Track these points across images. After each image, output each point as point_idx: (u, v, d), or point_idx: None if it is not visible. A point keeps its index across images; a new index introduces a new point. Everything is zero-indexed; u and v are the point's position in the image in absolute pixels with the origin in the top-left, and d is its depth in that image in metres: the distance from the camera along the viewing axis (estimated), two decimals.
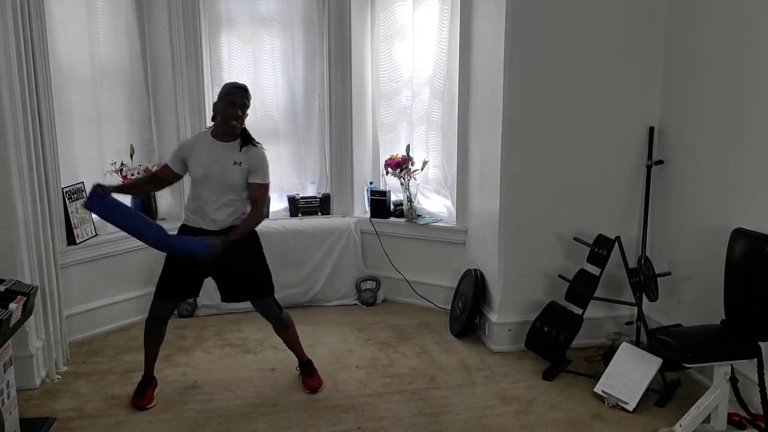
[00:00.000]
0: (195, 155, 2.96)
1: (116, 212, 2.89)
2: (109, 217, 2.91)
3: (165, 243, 2.89)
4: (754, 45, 2.84)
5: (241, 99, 2.93)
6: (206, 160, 2.93)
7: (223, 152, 2.94)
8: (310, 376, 3.23)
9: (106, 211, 2.90)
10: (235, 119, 2.91)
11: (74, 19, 3.81)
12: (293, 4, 4.43)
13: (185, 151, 3.01)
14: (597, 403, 3.05)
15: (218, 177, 2.92)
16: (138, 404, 3.03)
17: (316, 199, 4.55)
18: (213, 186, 2.93)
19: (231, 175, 2.93)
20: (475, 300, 3.73)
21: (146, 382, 3.13)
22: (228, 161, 2.92)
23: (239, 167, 2.93)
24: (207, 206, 2.95)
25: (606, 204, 3.60)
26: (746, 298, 2.60)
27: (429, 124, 4.38)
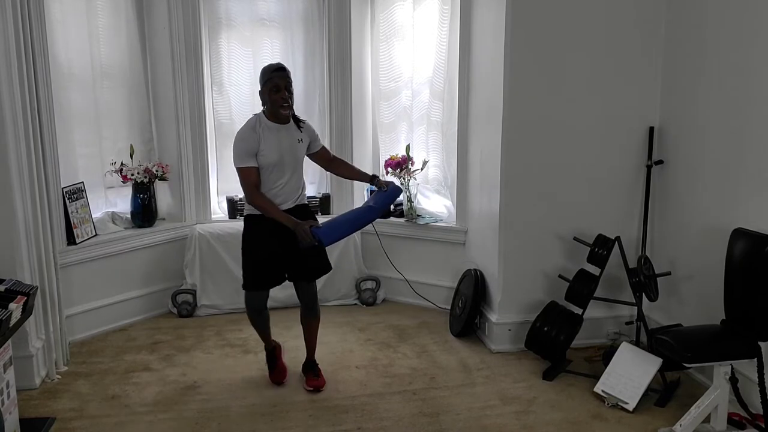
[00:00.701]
0: (263, 144, 2.93)
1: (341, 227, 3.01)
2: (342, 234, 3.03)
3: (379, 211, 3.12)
4: (754, 45, 2.84)
5: (284, 81, 2.93)
6: (277, 145, 2.96)
7: (288, 132, 3.02)
8: (316, 376, 3.23)
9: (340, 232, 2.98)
10: (284, 103, 2.93)
11: (74, 19, 3.82)
12: (293, 4, 4.43)
13: (254, 145, 2.92)
14: (597, 403, 3.05)
15: (291, 157, 3.01)
16: (277, 379, 3.25)
17: (316, 199, 4.55)
18: (285, 167, 3.00)
19: (300, 153, 3.08)
20: (475, 300, 3.73)
21: (272, 354, 3.30)
22: (294, 141, 3.03)
23: (302, 144, 3.09)
24: (285, 187, 3.02)
25: (606, 204, 3.60)
26: (746, 298, 2.60)
27: (429, 123, 4.38)
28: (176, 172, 4.26)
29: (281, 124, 2.99)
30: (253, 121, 2.98)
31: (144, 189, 4.10)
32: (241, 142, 2.92)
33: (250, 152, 2.92)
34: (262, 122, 2.97)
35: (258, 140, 2.92)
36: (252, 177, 2.93)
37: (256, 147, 2.92)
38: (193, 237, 4.23)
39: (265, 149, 2.93)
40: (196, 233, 4.23)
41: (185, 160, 4.26)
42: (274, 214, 2.92)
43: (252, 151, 2.92)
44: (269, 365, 3.31)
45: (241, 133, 2.95)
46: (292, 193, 3.06)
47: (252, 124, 2.97)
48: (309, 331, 3.28)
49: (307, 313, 3.23)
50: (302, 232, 2.85)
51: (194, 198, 4.35)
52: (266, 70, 2.96)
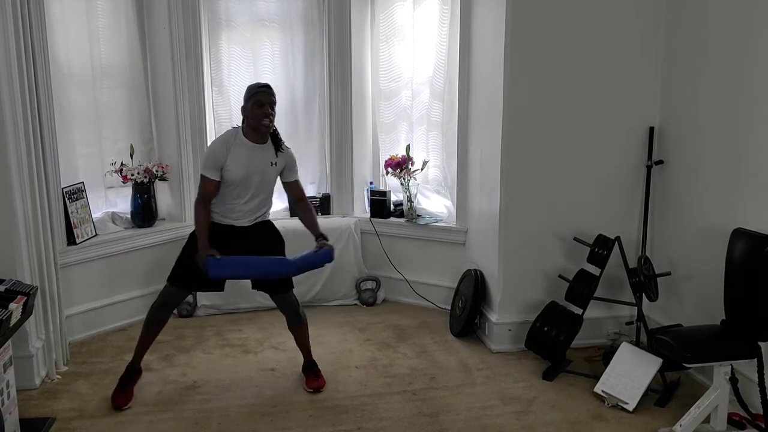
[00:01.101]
0: (231, 159, 2.93)
1: (239, 268, 2.94)
2: (235, 275, 2.99)
3: (295, 269, 2.98)
4: (754, 45, 2.84)
5: (268, 98, 2.94)
6: (246, 162, 2.94)
7: (261, 154, 2.99)
8: (315, 376, 3.23)
9: (229, 271, 2.92)
10: (266, 118, 2.92)
11: (74, 19, 3.81)
12: (293, 5, 4.43)
13: (220, 158, 2.93)
14: (597, 403, 3.05)
15: (259, 178, 2.99)
16: (118, 403, 3.00)
17: (316, 199, 4.55)
18: (251, 186, 2.99)
19: (270, 176, 3.04)
20: (475, 300, 3.73)
21: (129, 375, 3.11)
22: (266, 162, 3.00)
23: (275, 167, 3.03)
24: (244, 205, 3.01)
25: (606, 204, 3.60)
26: (746, 298, 2.60)
27: (429, 124, 4.38)
28: (176, 172, 4.26)
29: (257, 144, 2.97)
30: (230, 134, 3.00)
31: (144, 189, 4.10)
32: (210, 152, 2.97)
33: (216, 165, 2.93)
34: (238, 138, 2.97)
35: (226, 155, 2.93)
36: (207, 188, 2.96)
37: (222, 161, 2.93)
38: None
39: (232, 165, 2.93)
40: None
41: (185, 160, 4.26)
42: (199, 228, 2.94)
43: (217, 164, 2.93)
44: (121, 383, 3.08)
45: (214, 145, 3.00)
46: (251, 212, 3.04)
47: (227, 137, 2.99)
48: (298, 338, 3.28)
49: (291, 322, 3.23)
50: (198, 257, 2.88)
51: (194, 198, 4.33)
52: (254, 86, 2.99)
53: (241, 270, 2.95)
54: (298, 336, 3.28)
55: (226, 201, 3.01)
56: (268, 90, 2.97)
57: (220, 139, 3.00)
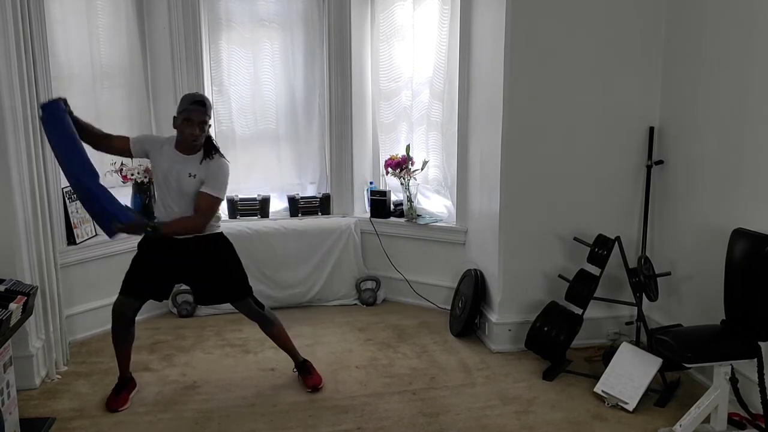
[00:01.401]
0: (157, 158, 2.94)
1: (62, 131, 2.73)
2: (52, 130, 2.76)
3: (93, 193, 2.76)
4: (754, 45, 2.84)
5: (199, 117, 2.85)
6: (165, 168, 2.92)
7: (183, 164, 2.91)
8: (309, 374, 3.23)
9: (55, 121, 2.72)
10: (194, 138, 2.87)
11: (74, 19, 3.81)
12: (293, 5, 4.43)
13: (150, 147, 2.96)
14: (597, 403, 3.05)
15: (174, 184, 2.92)
16: (111, 406, 3.00)
17: (316, 199, 4.55)
18: (169, 190, 2.94)
19: (185, 186, 2.91)
20: (475, 300, 3.73)
21: (122, 385, 3.11)
22: (184, 173, 2.90)
23: (193, 179, 2.90)
24: (163, 207, 2.99)
25: (606, 204, 3.60)
26: (746, 298, 2.60)
27: (429, 124, 4.38)
28: None
29: (181, 154, 2.93)
30: (166, 140, 3.00)
31: (144, 189, 4.10)
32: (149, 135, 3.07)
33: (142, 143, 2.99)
34: (169, 145, 2.95)
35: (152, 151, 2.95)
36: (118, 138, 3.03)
37: (148, 150, 2.97)
38: None
39: (155, 165, 2.96)
40: None
41: None
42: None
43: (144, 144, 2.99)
44: (115, 390, 3.07)
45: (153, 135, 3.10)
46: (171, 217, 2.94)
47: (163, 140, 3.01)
48: (275, 340, 3.27)
49: (260, 325, 3.22)
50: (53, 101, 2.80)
51: None
52: (185, 99, 2.92)
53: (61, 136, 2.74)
54: (275, 338, 3.25)
55: (157, 204, 3.05)
56: (201, 107, 2.87)
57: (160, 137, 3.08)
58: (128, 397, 3.08)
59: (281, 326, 3.24)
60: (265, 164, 4.57)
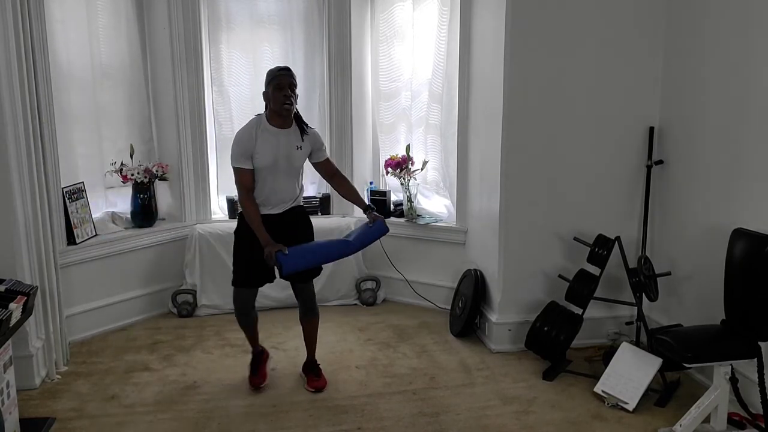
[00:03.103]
0: (259, 145, 2.93)
1: (307, 257, 2.93)
2: (307, 265, 2.96)
3: (356, 247, 3.05)
4: (754, 45, 2.84)
5: (287, 80, 2.93)
6: (273, 149, 2.94)
7: (287, 138, 2.98)
8: (317, 376, 3.23)
9: (300, 263, 2.89)
10: (287, 101, 2.92)
11: (74, 19, 3.81)
12: (293, 5, 4.43)
13: (249, 146, 2.93)
14: (597, 403, 3.05)
15: (285, 163, 2.98)
16: (255, 383, 3.20)
17: (316, 199, 4.55)
18: (280, 171, 2.98)
19: (296, 159, 3.02)
20: (475, 300, 3.73)
21: (257, 358, 3.28)
22: (292, 146, 2.99)
23: (301, 151, 3.02)
24: (277, 192, 3.01)
25: (606, 204, 3.60)
26: (746, 298, 2.60)
27: (427, 126, 4.38)
28: (176, 172, 4.26)
29: (282, 129, 2.97)
30: (254, 122, 2.98)
31: (144, 189, 4.10)
32: (237, 143, 2.94)
33: (246, 154, 2.92)
34: (262, 124, 2.97)
35: (254, 143, 2.92)
36: (245, 179, 2.95)
37: (251, 149, 2.92)
38: (193, 237, 4.23)
39: (260, 152, 2.92)
40: (196, 233, 4.23)
41: (185, 160, 4.26)
42: (255, 225, 2.93)
43: (247, 152, 2.92)
44: (252, 368, 3.28)
45: (239, 134, 2.96)
46: (286, 197, 3.04)
47: (251, 125, 2.97)
48: (309, 330, 3.28)
49: (306, 312, 3.22)
50: (268, 255, 2.85)
51: (194, 198, 4.35)
52: (273, 70, 2.98)
53: (310, 258, 2.95)
54: (309, 329, 3.27)
55: (259, 189, 3.00)
56: (288, 72, 2.96)
57: (245, 129, 2.97)
58: (266, 370, 3.28)
59: (319, 321, 3.29)
60: None
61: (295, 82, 2.96)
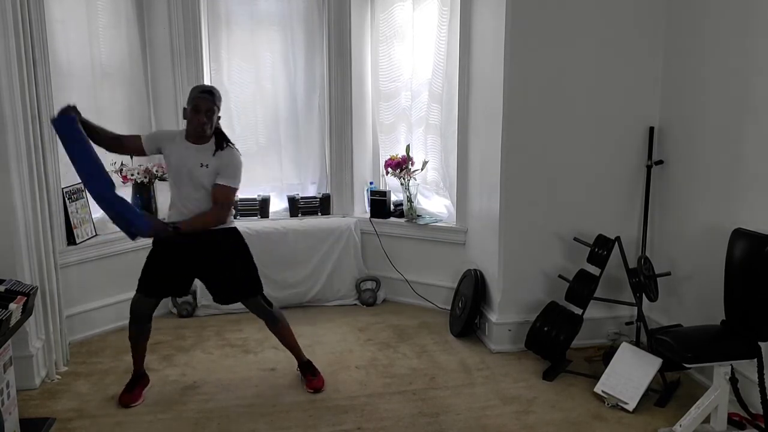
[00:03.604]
0: (168, 151, 2.97)
1: (77, 144, 2.75)
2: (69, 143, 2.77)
3: (108, 201, 2.76)
4: (754, 45, 2.84)
5: (206, 104, 2.88)
6: (176, 160, 2.95)
7: (195, 154, 2.94)
8: (313, 376, 3.23)
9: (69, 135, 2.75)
10: (201, 126, 2.89)
11: (74, 19, 3.81)
12: (293, 4, 4.43)
13: (163, 141, 3.00)
14: (597, 403, 3.05)
15: (187, 176, 2.94)
16: (124, 401, 3.03)
17: (316, 199, 4.55)
18: (183, 184, 2.96)
19: (198, 176, 2.92)
20: (475, 300, 3.73)
21: (136, 380, 3.14)
22: (196, 163, 2.92)
23: (206, 169, 2.92)
24: (179, 202, 3.00)
25: (606, 204, 3.60)
26: (746, 298, 2.60)
27: (427, 126, 4.38)
28: None
29: (192, 144, 2.95)
30: (177, 132, 3.06)
31: (144, 189, 4.10)
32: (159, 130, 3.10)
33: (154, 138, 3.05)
34: (179, 136, 3.00)
35: (164, 145, 2.98)
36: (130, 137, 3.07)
37: (159, 144, 3.00)
38: None
39: (167, 160, 2.99)
40: None
41: None
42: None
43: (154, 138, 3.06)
44: (128, 386, 3.10)
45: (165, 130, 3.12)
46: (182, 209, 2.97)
47: (174, 133, 3.08)
48: (281, 338, 3.27)
49: (267, 324, 3.22)
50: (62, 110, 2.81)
51: None
52: (196, 90, 2.97)
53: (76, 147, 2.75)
54: (280, 336, 3.25)
55: (171, 198, 3.05)
56: (208, 96, 2.91)
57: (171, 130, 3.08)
58: (141, 393, 3.11)
59: (288, 325, 3.25)
60: (265, 164, 4.57)
61: (213, 107, 2.90)
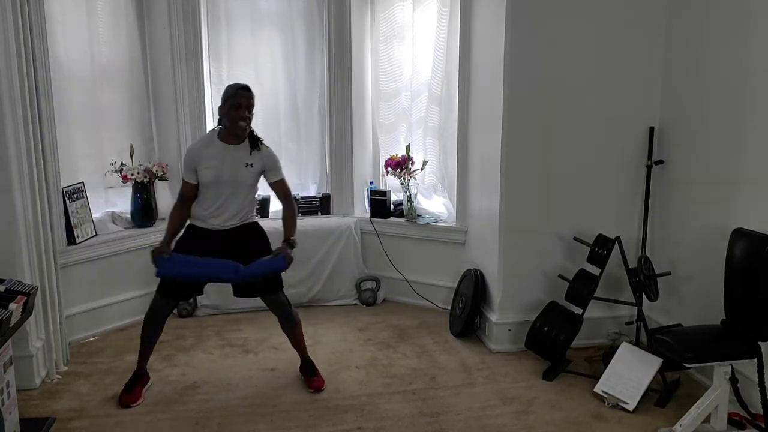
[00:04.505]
0: (204, 160, 2.95)
1: (188, 266, 2.91)
2: (183, 273, 2.94)
3: (242, 276, 2.91)
4: (754, 45, 2.84)
5: (246, 100, 2.93)
6: (217, 164, 2.94)
7: (235, 154, 2.96)
8: (315, 375, 3.23)
9: (177, 269, 2.91)
10: (242, 120, 2.92)
11: (74, 19, 3.81)
12: (293, 5, 4.43)
13: (194, 160, 2.97)
14: (597, 403, 3.05)
15: (230, 179, 2.96)
16: (124, 401, 3.03)
17: (316, 199, 4.55)
18: (224, 188, 2.97)
19: (243, 177, 2.98)
20: (475, 300, 3.73)
21: (136, 379, 3.13)
22: (239, 164, 2.96)
23: (251, 169, 2.98)
24: (219, 208, 2.99)
25: (606, 204, 3.60)
26: (746, 298, 2.60)
27: (426, 128, 4.38)
28: (176, 172, 4.24)
29: (230, 145, 2.97)
30: (206, 138, 3.06)
31: (144, 189, 4.10)
32: (186, 156, 3.04)
33: (190, 166, 2.99)
34: (213, 140, 3.00)
35: (200, 156, 2.96)
36: (184, 190, 3.04)
37: (196, 162, 2.97)
38: None
39: (206, 167, 2.95)
40: None
41: None
42: (168, 228, 3.01)
43: (191, 165, 2.98)
44: (128, 385, 3.09)
45: (190, 147, 3.07)
46: (228, 215, 3.00)
47: (203, 140, 3.06)
48: (292, 338, 3.27)
49: (285, 323, 3.22)
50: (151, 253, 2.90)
51: None
52: (232, 87, 2.99)
53: (189, 270, 2.91)
54: (292, 336, 3.27)
55: (203, 204, 3.02)
56: (247, 92, 2.95)
57: (197, 142, 3.05)
58: (141, 392, 3.11)
59: (301, 325, 3.27)
60: None
61: (252, 103, 2.96)
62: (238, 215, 3.04)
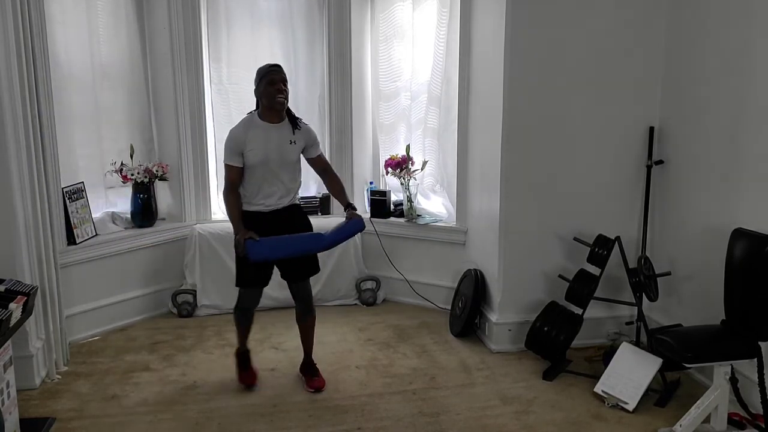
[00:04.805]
0: (249, 142, 2.95)
1: (277, 248, 2.94)
2: (275, 255, 2.96)
3: (330, 242, 3.01)
4: (754, 45, 2.84)
5: (279, 75, 2.98)
6: (263, 144, 2.96)
7: (278, 133, 3.00)
8: (316, 375, 3.24)
9: (269, 251, 2.92)
10: (280, 94, 2.95)
11: (74, 19, 3.82)
12: (293, 5, 4.43)
13: (240, 143, 2.96)
14: (597, 403, 3.05)
15: (277, 158, 2.98)
16: (250, 381, 3.22)
17: (316, 199, 4.55)
18: (271, 168, 2.99)
19: (289, 154, 3.02)
20: (475, 300, 3.73)
21: (246, 356, 3.30)
22: (284, 141, 3.00)
23: (294, 145, 3.03)
24: (269, 188, 3.01)
25: (606, 204, 3.60)
26: (746, 298, 2.60)
27: (425, 129, 4.38)
28: (176, 172, 4.26)
29: (273, 124, 3.00)
30: (247, 120, 3.03)
31: (144, 189, 4.10)
32: (229, 141, 2.99)
33: (236, 150, 2.96)
34: (254, 121, 3.01)
35: (245, 139, 2.95)
36: (232, 175, 2.99)
37: (242, 146, 2.95)
38: (193, 237, 4.23)
39: (252, 149, 2.95)
40: (196, 233, 4.23)
41: (185, 160, 4.26)
42: (231, 217, 2.98)
43: (238, 149, 2.96)
44: (241, 367, 3.29)
45: (232, 132, 3.01)
46: (281, 193, 3.04)
47: (244, 123, 3.02)
48: (305, 330, 3.28)
49: (303, 312, 3.23)
50: (236, 242, 2.90)
51: (194, 198, 4.35)
52: (263, 67, 3.03)
53: (280, 249, 2.95)
54: (306, 329, 3.27)
55: (250, 187, 3.02)
56: (278, 68, 3.00)
57: (238, 125, 3.02)
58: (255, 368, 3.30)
59: (315, 322, 3.30)
60: None
61: (285, 78, 3.01)
62: (290, 193, 3.09)
